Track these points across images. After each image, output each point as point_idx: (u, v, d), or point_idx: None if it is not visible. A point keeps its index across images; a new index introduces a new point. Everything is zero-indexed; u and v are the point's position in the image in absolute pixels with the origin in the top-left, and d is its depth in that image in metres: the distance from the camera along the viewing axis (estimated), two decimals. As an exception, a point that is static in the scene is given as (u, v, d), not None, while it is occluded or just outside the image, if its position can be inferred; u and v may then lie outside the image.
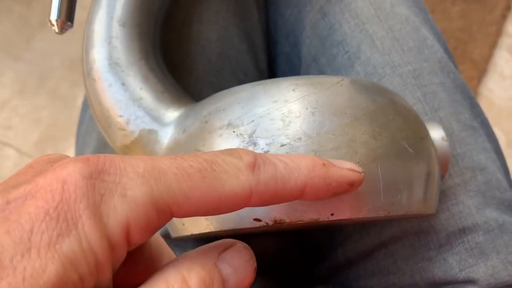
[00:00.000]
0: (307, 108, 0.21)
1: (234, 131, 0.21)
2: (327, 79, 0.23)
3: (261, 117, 0.21)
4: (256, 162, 0.15)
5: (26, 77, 0.92)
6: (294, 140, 0.21)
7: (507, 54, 1.02)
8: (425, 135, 0.24)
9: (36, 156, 0.89)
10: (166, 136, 0.25)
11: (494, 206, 0.30)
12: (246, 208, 0.15)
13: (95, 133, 0.34)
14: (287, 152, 0.20)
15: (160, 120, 0.26)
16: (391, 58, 0.33)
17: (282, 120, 0.21)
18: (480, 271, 0.28)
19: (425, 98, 0.31)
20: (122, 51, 0.27)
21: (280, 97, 0.22)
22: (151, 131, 0.26)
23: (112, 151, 0.30)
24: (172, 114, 0.26)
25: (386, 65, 0.32)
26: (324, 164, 0.17)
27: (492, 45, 1.01)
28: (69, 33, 0.26)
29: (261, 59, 0.39)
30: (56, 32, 0.24)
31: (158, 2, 0.29)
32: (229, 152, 0.15)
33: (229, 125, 0.22)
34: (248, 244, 0.16)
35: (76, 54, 0.86)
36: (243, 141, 0.21)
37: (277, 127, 0.21)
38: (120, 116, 0.26)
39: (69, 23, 0.24)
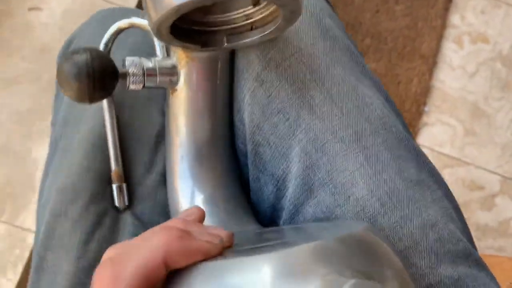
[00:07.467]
0: None
1: None
2: None
3: None
4: None
5: (-26, 135, 0.88)
6: None
7: (454, 45, 1.04)
8: None
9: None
10: None
11: (448, 260, 0.31)
12: None
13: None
14: None
15: None
16: (331, 123, 0.33)
17: None
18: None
19: (367, 162, 0.32)
20: None
21: None
22: None
23: None
24: None
25: (327, 131, 0.32)
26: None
27: (439, 38, 1.03)
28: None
29: None
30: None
31: None
32: None
33: None
34: None
35: (23, 106, 0.82)
36: None
37: None
38: None
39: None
